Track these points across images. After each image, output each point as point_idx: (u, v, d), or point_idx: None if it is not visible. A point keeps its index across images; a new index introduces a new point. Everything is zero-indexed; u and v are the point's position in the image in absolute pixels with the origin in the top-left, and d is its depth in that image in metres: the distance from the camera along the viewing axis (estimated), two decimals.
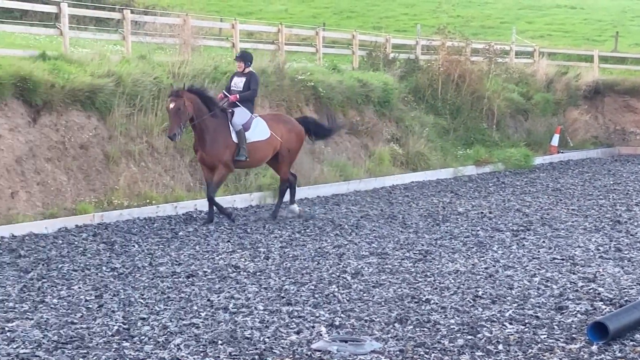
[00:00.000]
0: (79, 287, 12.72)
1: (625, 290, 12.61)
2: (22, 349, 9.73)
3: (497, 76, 33.36)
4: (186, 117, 17.67)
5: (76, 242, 16.25)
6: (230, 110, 18.46)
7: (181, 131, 17.91)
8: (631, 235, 17.34)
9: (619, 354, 9.63)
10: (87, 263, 14.44)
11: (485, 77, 32.28)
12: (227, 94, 18.82)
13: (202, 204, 20.10)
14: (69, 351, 9.67)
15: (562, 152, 33.93)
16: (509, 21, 54.38)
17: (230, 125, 18.28)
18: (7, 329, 10.52)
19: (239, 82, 18.94)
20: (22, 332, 10.40)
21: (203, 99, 18.09)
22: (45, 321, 10.87)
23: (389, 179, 25.72)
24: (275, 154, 19.11)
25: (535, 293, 12.42)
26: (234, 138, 18.18)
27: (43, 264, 14.29)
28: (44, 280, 13.17)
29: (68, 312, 11.32)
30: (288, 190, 19.76)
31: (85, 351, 9.65)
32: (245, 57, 19.43)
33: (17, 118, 18.55)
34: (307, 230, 17.73)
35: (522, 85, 35.15)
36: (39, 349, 9.72)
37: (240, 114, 18.41)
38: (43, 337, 10.18)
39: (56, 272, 13.72)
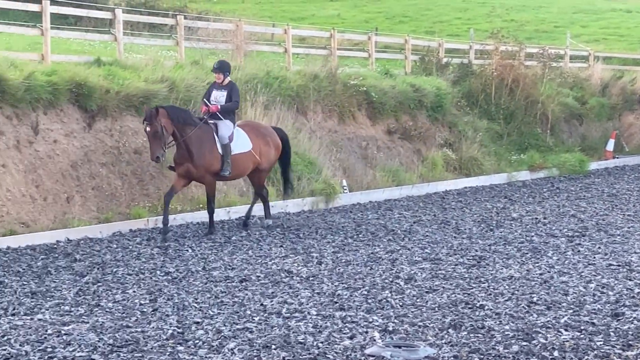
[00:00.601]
0: (134, 291, 12.81)
1: None
2: (78, 352, 9.81)
3: (552, 80, 33.16)
4: (166, 137, 16.79)
5: (130, 246, 16.37)
6: (214, 122, 17.51)
7: (164, 152, 16.88)
8: None
9: None
10: (142, 267, 14.54)
11: (539, 82, 32.11)
12: (208, 103, 17.83)
13: (255, 209, 20.14)
14: (124, 354, 9.74)
15: (617, 157, 33.64)
16: (564, 25, 54.05)
17: (216, 138, 17.37)
18: (63, 332, 10.61)
19: (219, 96, 17.82)
20: (78, 335, 10.48)
21: (180, 115, 17.15)
22: (100, 325, 10.96)
23: (442, 184, 25.67)
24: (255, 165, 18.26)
25: (591, 299, 12.34)
26: (220, 151, 17.32)
27: (98, 268, 14.40)
28: (99, 284, 13.26)
29: (123, 316, 11.40)
30: (253, 204, 19.13)
31: (140, 355, 9.72)
32: (223, 68, 18.16)
33: (73, 123, 18.69)
34: (360, 236, 17.72)
35: (577, 90, 34.95)
36: (95, 352, 9.79)
37: (225, 127, 17.50)
38: (99, 341, 10.25)
39: (111, 276, 13.82)
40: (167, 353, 9.79)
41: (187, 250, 16.00)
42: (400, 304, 12.12)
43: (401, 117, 26.99)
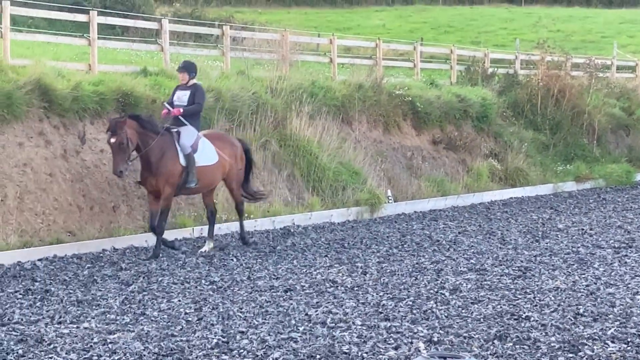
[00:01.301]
0: (179, 300, 12.86)
1: None
2: (121, 357, 9.89)
3: (598, 91, 33.05)
4: (130, 150, 15.65)
5: (176, 256, 16.44)
6: (176, 130, 16.36)
7: (128, 165, 15.80)
8: None
9: None
10: (187, 276, 14.60)
11: (585, 92, 32.01)
12: (169, 107, 16.71)
13: (300, 219, 20.20)
14: None
15: None
16: (610, 35, 53.89)
17: (178, 147, 16.21)
18: (109, 340, 10.66)
19: (182, 96, 16.72)
20: (123, 344, 10.53)
21: (145, 125, 15.97)
22: (146, 333, 11.01)
23: (487, 194, 25.62)
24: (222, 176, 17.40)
25: (638, 311, 12.27)
26: (182, 161, 16.16)
27: (144, 277, 14.48)
28: (144, 292, 13.33)
29: (168, 325, 11.44)
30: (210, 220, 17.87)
31: None
32: (189, 68, 17.05)
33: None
34: (405, 246, 17.70)
35: (624, 100, 34.80)
36: None
37: (187, 134, 16.31)
38: (144, 350, 10.30)
39: (156, 285, 13.90)
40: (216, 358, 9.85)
41: (232, 260, 16.06)
42: (446, 314, 12.09)
43: (446, 127, 26.97)
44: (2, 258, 15.38)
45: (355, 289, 13.74)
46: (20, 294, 13.17)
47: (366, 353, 10.22)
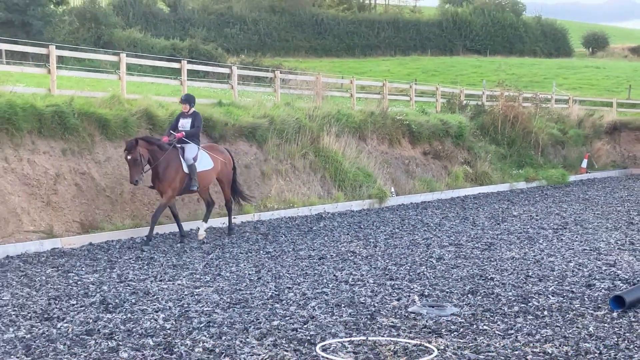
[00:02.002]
0: (244, 265, 12.95)
1: (637, 272, 12.41)
2: (206, 307, 9.96)
3: (542, 117, 32.97)
4: (143, 164, 14.73)
5: (241, 233, 16.52)
6: (181, 146, 15.39)
7: (142, 176, 14.80)
8: None
9: (633, 319, 9.52)
10: (249, 248, 14.67)
11: (532, 118, 31.94)
12: (172, 132, 15.60)
13: (329, 208, 20.23)
14: (238, 309, 9.86)
15: (589, 172, 33.39)
16: (550, 77, 53.85)
17: (183, 160, 15.24)
18: (195, 293, 10.77)
19: (185, 123, 15.68)
20: (205, 295, 10.62)
21: (154, 144, 15.08)
22: (221, 288, 11.10)
23: (462, 190, 25.57)
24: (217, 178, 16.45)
25: (571, 274, 12.28)
26: (185, 169, 15.24)
27: (219, 249, 14.57)
28: (219, 259, 13.43)
29: (236, 282, 11.53)
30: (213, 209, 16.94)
31: (249, 310, 9.84)
32: (189, 100, 15.99)
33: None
34: (404, 227, 17.71)
35: (560, 124, 34.70)
36: (217, 307, 9.93)
37: (190, 149, 15.40)
38: (220, 299, 10.40)
39: (228, 254, 13.98)
40: (268, 309, 9.90)
41: (282, 237, 16.10)
42: (433, 276, 12.14)
43: (433, 143, 26.95)
44: (119, 235, 15.50)
45: (369, 257, 13.79)
46: (132, 260, 13.29)
47: (377, 303, 10.28)
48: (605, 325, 9.28)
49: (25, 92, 17.18)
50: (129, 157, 14.52)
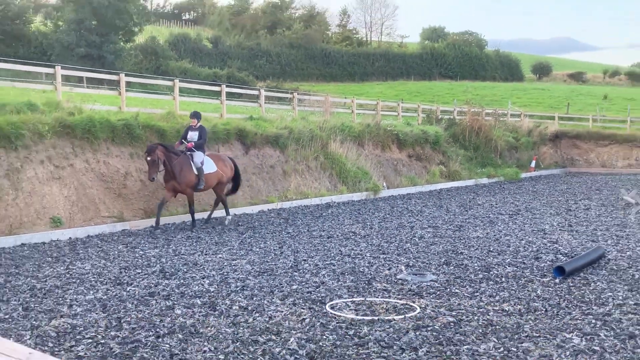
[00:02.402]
0: (270, 242, 12.98)
1: (575, 248, 12.40)
2: (240, 275, 10.00)
3: (500, 128, 32.96)
4: (159, 164, 14.13)
5: (268, 218, 16.55)
6: (190, 153, 14.78)
7: (157, 174, 14.18)
8: (577, 217, 16.97)
9: (571, 284, 9.53)
10: (274, 229, 14.70)
11: (493, 128, 31.92)
12: (185, 142, 15.06)
13: (335, 198, 20.25)
14: (265, 276, 9.91)
15: (536, 171, 33.34)
16: (507, 97, 53.77)
17: (192, 164, 14.68)
18: (232, 264, 10.81)
19: (193, 135, 15.07)
20: (240, 266, 10.67)
21: (169, 150, 14.43)
22: (252, 260, 11.14)
23: (438, 185, 25.55)
24: (218, 181, 15.57)
25: (523, 249, 12.27)
26: (195, 172, 14.67)
27: (251, 230, 14.58)
28: (251, 238, 13.45)
29: (264, 256, 11.57)
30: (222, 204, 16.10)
31: (274, 277, 9.88)
32: (197, 116, 15.36)
33: (237, 151, 18.94)
34: (393, 213, 17.71)
35: (514, 133, 34.60)
36: (249, 275, 9.97)
37: (198, 156, 14.77)
38: (251, 269, 10.44)
39: (258, 234, 14.00)
40: (288, 276, 9.94)
41: (299, 220, 16.13)
42: (416, 251, 12.15)
43: (416, 148, 26.91)
44: (174, 219, 15.60)
45: (366, 236, 13.81)
46: (184, 239, 13.36)
47: (372, 272, 10.31)
48: (550, 289, 9.30)
49: (101, 109, 17.27)
50: (148, 159, 13.98)
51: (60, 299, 8.58)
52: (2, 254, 11.52)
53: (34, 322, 7.52)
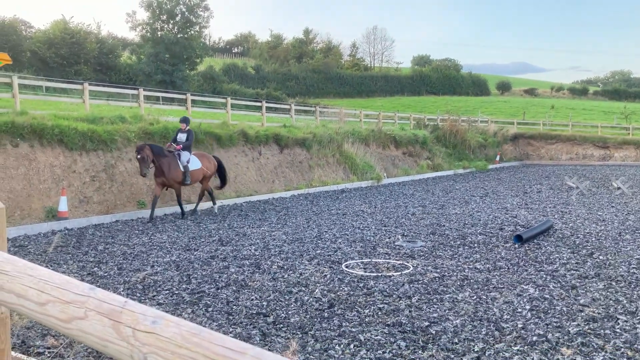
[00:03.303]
0: (299, 218, 12.95)
1: (530, 221, 12.26)
2: (278, 243, 10.00)
3: (472, 131, 32.67)
4: (149, 161, 12.37)
5: (297, 200, 16.54)
6: (177, 153, 13.02)
7: (148, 170, 12.40)
8: (531, 198, 16.78)
9: (527, 248, 9.42)
10: (302, 209, 14.67)
11: (467, 131, 31.65)
12: (173, 144, 13.26)
13: (348, 186, 20.20)
14: (296, 244, 9.89)
15: (500, 163, 33.01)
16: (477, 107, 53.32)
17: (179, 162, 12.99)
18: (271, 235, 10.80)
19: (182, 137, 13.30)
20: (277, 236, 10.66)
21: (158, 149, 12.66)
22: (286, 231, 11.13)
23: (426, 175, 25.38)
24: (203, 176, 13.77)
25: (491, 222, 12.16)
26: (182, 169, 12.98)
27: (285, 210, 14.56)
28: (286, 216, 13.42)
29: (295, 228, 11.55)
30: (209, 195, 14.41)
31: (303, 244, 9.86)
32: (186, 121, 13.49)
33: (274, 150, 18.97)
34: (392, 196, 17.64)
35: (483, 135, 34.29)
36: (284, 243, 9.96)
37: (184, 155, 13.12)
38: (285, 238, 10.43)
39: (290, 212, 13.98)
40: (314, 243, 9.93)
41: (321, 202, 16.11)
42: (409, 224, 12.08)
43: (408, 147, 26.76)
44: (228, 202, 15.58)
45: (372, 214, 13.76)
46: (236, 216, 13.38)
47: (377, 240, 10.25)
48: (511, 252, 9.21)
49: (173, 120, 17.35)
50: (138, 156, 12.35)
51: (145, 261, 8.66)
52: (102, 228, 11.66)
53: (126, 278, 7.60)
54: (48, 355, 4.86)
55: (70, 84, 18.73)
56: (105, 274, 7.84)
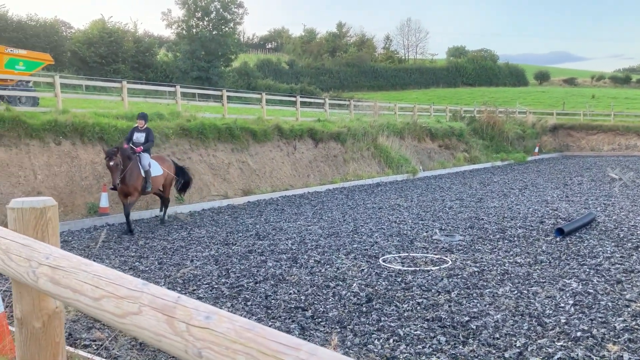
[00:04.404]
0: (335, 213, 12.94)
1: (571, 214, 11.97)
2: (314, 236, 10.01)
3: (510, 122, 32.04)
4: (121, 168, 10.52)
5: (333, 195, 16.53)
6: (137, 156, 10.97)
7: (120, 179, 10.50)
8: (572, 190, 16.37)
9: (569, 241, 9.21)
10: (337, 203, 14.65)
11: (504, 123, 31.05)
12: (132, 146, 11.12)
13: (383, 179, 20.09)
14: (332, 238, 9.89)
15: (539, 155, 32.32)
16: (515, 98, 52.32)
17: (140, 166, 10.98)
18: (308, 229, 10.81)
19: (140, 137, 11.32)
20: (313, 230, 10.68)
21: (126, 152, 10.68)
22: (322, 226, 11.14)
23: (462, 168, 25.04)
24: (164, 183, 11.84)
25: (531, 215, 11.93)
26: (143, 174, 10.99)
27: (321, 204, 14.56)
28: (322, 210, 13.42)
29: (331, 222, 11.55)
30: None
31: (339, 238, 9.86)
32: (145, 117, 11.53)
33: (309, 144, 18.99)
34: (428, 190, 17.47)
35: (521, 126, 33.58)
36: (321, 237, 9.97)
37: (145, 158, 11.13)
38: (322, 232, 10.45)
39: (326, 207, 13.97)
40: (350, 237, 9.91)
41: (357, 196, 16.07)
42: (446, 218, 11.96)
43: (444, 139, 26.43)
44: (264, 196, 15.69)
45: (408, 207, 13.66)
46: (272, 211, 13.47)
47: (414, 234, 10.18)
48: (552, 245, 9.02)
49: (209, 116, 17.56)
50: (111, 163, 10.41)
51: (185, 255, 8.81)
52: (142, 223, 11.90)
53: (166, 272, 7.75)
54: (94, 347, 4.99)
55: (109, 83, 19.14)
56: (147, 269, 8.00)
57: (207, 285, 7.06)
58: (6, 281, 6.38)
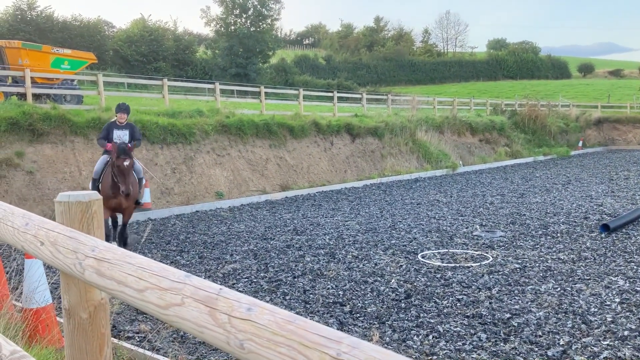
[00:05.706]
0: (373, 208, 12.90)
1: (617, 209, 11.60)
2: (352, 232, 10.01)
3: (552, 116, 31.27)
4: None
5: (370, 190, 16.45)
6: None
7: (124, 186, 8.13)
8: (618, 185, 15.86)
9: (615, 238, 8.94)
10: (375, 199, 14.60)
11: (547, 116, 30.33)
12: (116, 143, 8.30)
13: (421, 175, 19.88)
14: (370, 233, 9.86)
15: (583, 149, 31.43)
16: (557, 91, 51.00)
17: (134, 172, 8.52)
18: (344, 225, 10.79)
19: (122, 135, 8.63)
20: (351, 226, 10.66)
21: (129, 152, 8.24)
22: (359, 221, 11.13)
23: (504, 162, 24.56)
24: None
25: (574, 211, 11.62)
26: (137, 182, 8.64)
27: (358, 200, 14.53)
28: (359, 206, 13.39)
29: (369, 218, 11.51)
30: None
31: (377, 234, 9.82)
32: (127, 109, 8.80)
33: (346, 140, 18.96)
34: (468, 185, 17.21)
35: (564, 119, 32.75)
36: (358, 233, 9.96)
37: (136, 162, 8.68)
38: (359, 228, 10.42)
39: (363, 202, 13.93)
40: (388, 233, 9.86)
41: (394, 192, 15.97)
42: (487, 214, 11.76)
43: (485, 134, 25.98)
44: (302, 192, 15.76)
45: (447, 203, 13.49)
46: (309, 206, 13.50)
47: (453, 230, 10.06)
48: (597, 242, 8.77)
49: (247, 113, 17.74)
50: (126, 163, 8.12)
51: (224, 250, 8.93)
52: (183, 219, 12.12)
53: (207, 267, 7.87)
54: (137, 339, 5.12)
55: (150, 80, 19.55)
56: (187, 262, 8.14)
57: (246, 279, 7.14)
58: (54, 274, 6.60)
